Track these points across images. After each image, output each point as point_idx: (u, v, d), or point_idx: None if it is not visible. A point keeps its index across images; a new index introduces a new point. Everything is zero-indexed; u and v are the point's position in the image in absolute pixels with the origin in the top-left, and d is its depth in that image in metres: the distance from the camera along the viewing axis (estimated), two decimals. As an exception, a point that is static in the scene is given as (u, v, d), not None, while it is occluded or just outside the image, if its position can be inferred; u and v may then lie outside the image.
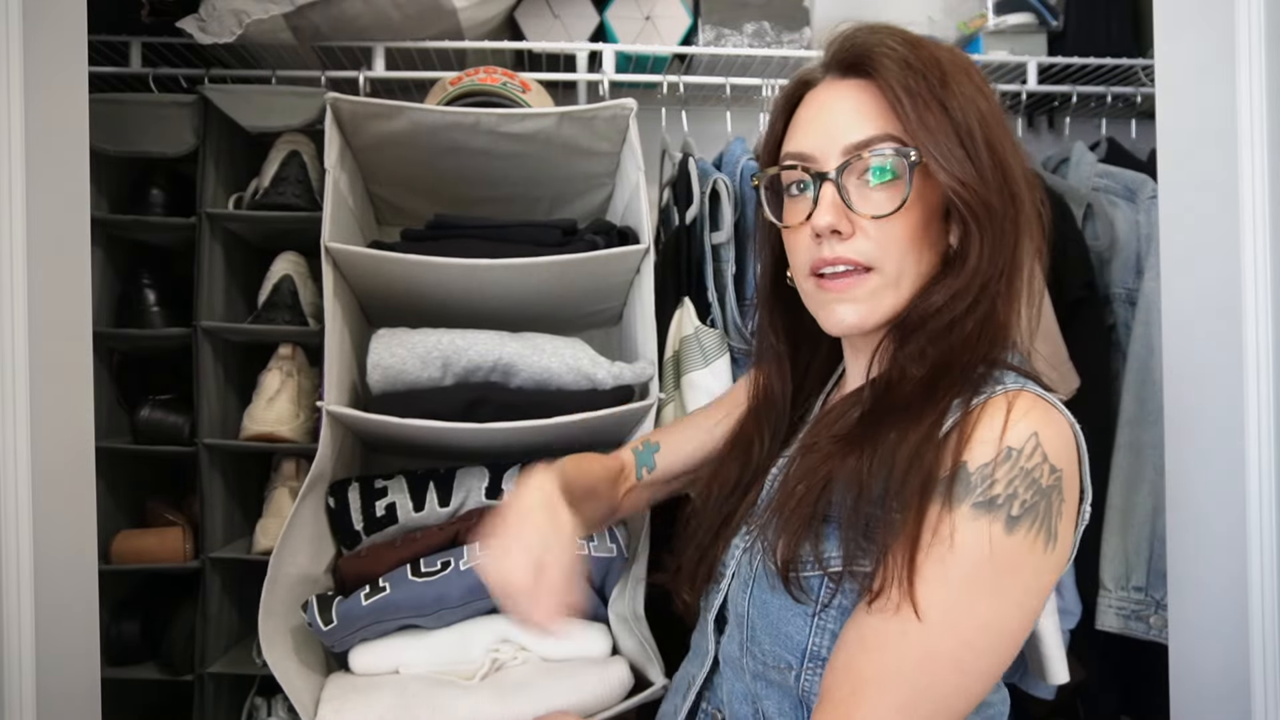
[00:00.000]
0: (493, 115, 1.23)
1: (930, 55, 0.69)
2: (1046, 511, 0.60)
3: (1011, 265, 0.69)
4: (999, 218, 0.68)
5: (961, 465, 0.61)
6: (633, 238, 1.26)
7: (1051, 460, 0.61)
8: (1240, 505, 0.97)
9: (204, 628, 1.34)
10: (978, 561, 0.59)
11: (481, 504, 1.18)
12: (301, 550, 1.12)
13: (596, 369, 1.16)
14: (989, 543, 0.59)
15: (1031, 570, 0.61)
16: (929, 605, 0.59)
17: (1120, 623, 1.32)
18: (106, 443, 1.36)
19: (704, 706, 0.79)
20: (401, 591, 1.04)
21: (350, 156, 1.31)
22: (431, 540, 1.12)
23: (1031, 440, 0.61)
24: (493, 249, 1.18)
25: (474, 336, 1.16)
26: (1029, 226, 0.70)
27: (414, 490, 1.17)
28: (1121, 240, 1.42)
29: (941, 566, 0.59)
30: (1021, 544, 0.60)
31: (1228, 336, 0.99)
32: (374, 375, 1.13)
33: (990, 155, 0.67)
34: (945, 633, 0.59)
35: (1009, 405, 0.62)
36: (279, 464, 1.44)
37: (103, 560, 1.35)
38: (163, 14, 1.43)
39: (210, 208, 1.38)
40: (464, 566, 1.06)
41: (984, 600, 0.59)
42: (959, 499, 0.60)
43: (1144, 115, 1.67)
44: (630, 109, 1.25)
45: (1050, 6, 1.58)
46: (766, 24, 1.56)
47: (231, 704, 1.40)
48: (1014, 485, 0.60)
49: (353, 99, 1.21)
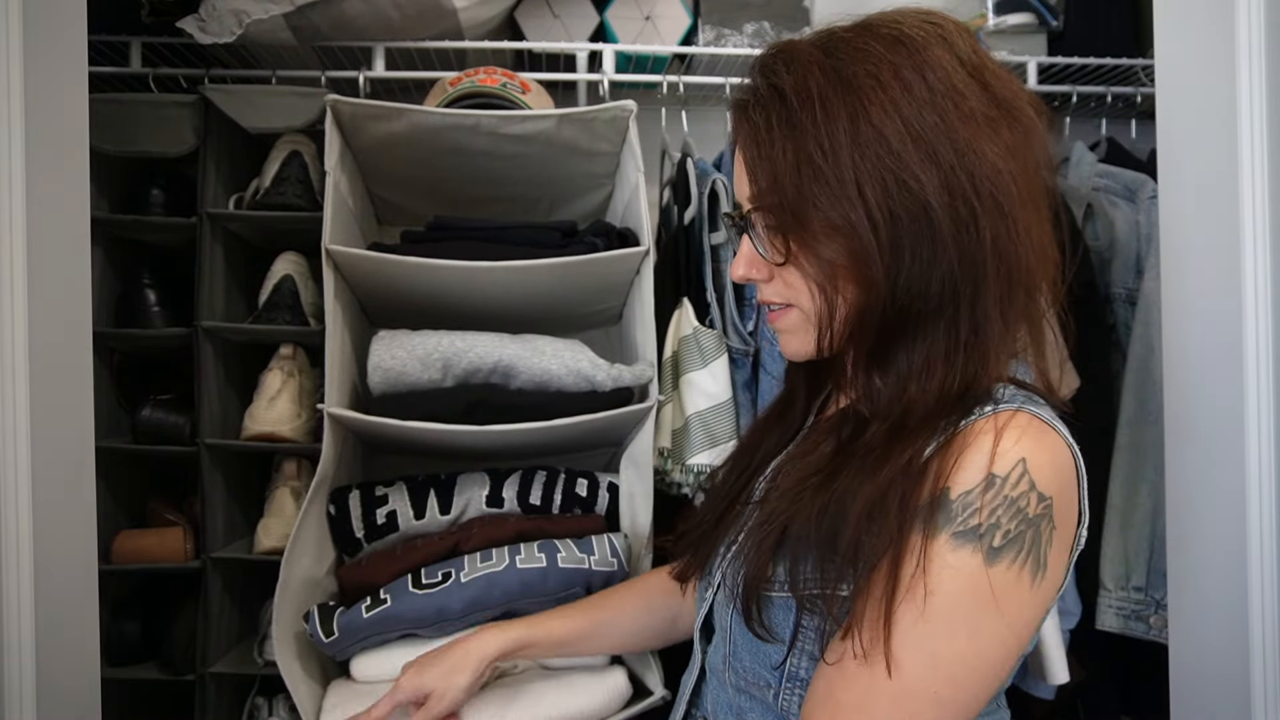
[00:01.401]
0: (492, 117, 1.23)
1: (816, 71, 0.63)
2: (1035, 542, 0.58)
3: (966, 283, 0.61)
4: (900, 235, 0.60)
5: (944, 492, 0.58)
6: (633, 239, 1.26)
7: (1040, 488, 0.58)
8: (1240, 505, 0.97)
9: (205, 627, 1.34)
10: (956, 594, 0.56)
11: (482, 512, 1.18)
12: (307, 553, 1.13)
13: (596, 371, 1.16)
14: (969, 575, 0.56)
15: (1015, 603, 0.58)
16: (902, 641, 0.56)
17: (1120, 623, 1.32)
18: (107, 443, 1.36)
19: (694, 714, 0.79)
20: (403, 604, 1.05)
21: (350, 157, 1.31)
22: (432, 550, 1.13)
23: (1019, 468, 0.57)
24: (492, 250, 1.18)
25: (474, 339, 1.16)
26: (993, 234, 0.61)
27: (414, 498, 1.18)
28: (1121, 240, 1.42)
29: (915, 598, 0.56)
30: (1004, 576, 0.57)
31: (1228, 336, 0.99)
32: (374, 377, 1.14)
33: (888, 164, 0.60)
34: (922, 669, 0.57)
35: (998, 429, 0.59)
36: (280, 464, 1.44)
37: (103, 560, 1.35)
38: (163, 14, 1.43)
39: (211, 208, 1.38)
40: (465, 579, 1.06)
41: (962, 635, 0.57)
42: (939, 528, 0.57)
43: (1144, 115, 1.66)
44: (630, 110, 1.25)
45: (1050, 6, 1.58)
46: (766, 24, 1.56)
47: (233, 704, 1.40)
48: (997, 515, 0.57)
49: (353, 101, 1.21)
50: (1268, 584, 0.95)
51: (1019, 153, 0.62)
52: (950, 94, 0.61)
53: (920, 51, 0.62)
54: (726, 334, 1.32)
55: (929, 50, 0.62)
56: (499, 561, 1.08)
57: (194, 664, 1.35)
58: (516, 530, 1.14)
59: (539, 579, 1.07)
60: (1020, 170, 0.62)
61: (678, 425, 1.28)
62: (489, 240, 1.23)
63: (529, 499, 1.19)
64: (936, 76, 0.61)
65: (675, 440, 1.28)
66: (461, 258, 1.16)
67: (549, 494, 1.20)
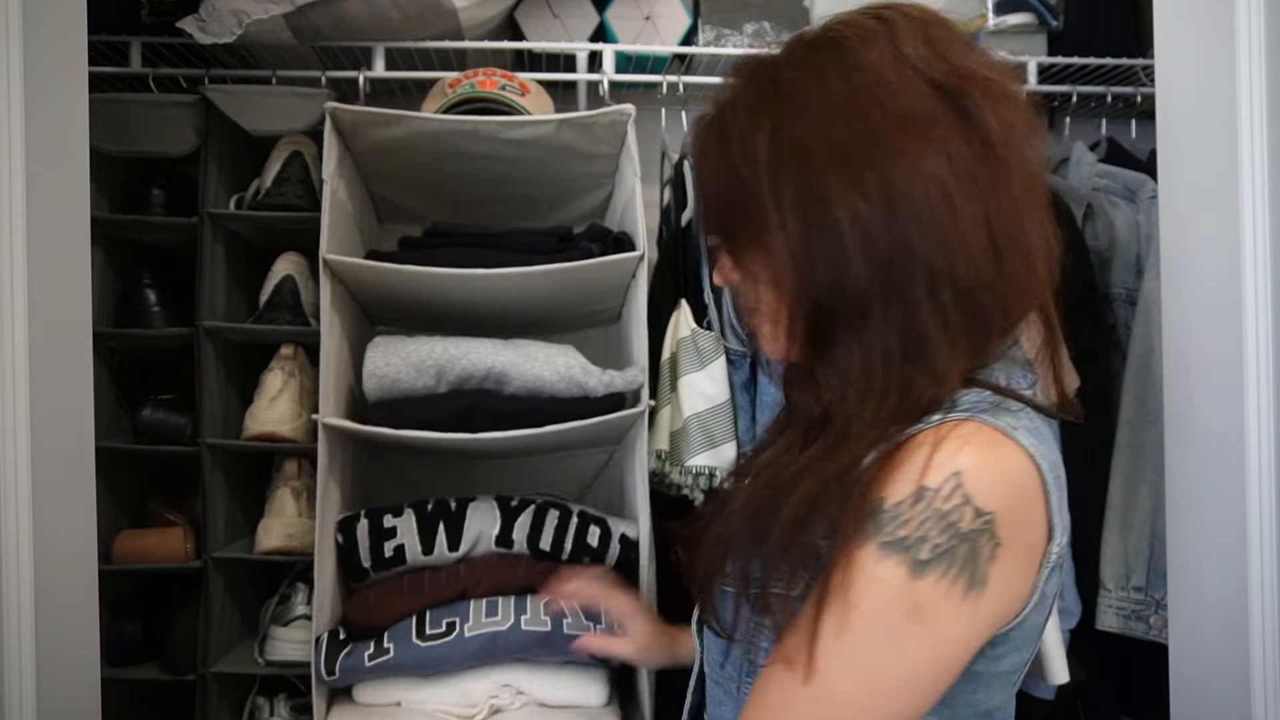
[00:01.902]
0: (491, 123, 1.24)
1: (755, 81, 0.64)
2: (970, 557, 0.55)
3: (886, 292, 0.59)
4: (812, 245, 0.60)
5: (878, 502, 0.56)
6: (629, 243, 1.27)
7: (977, 503, 0.55)
8: (1240, 505, 0.97)
9: (207, 627, 1.34)
10: (879, 604, 0.56)
11: (491, 550, 1.20)
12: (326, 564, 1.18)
13: (588, 377, 1.17)
14: (894, 586, 0.55)
15: (945, 619, 0.56)
16: (825, 649, 0.56)
17: (1120, 623, 1.32)
18: (107, 443, 1.36)
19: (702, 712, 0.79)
20: (405, 653, 1.09)
21: (350, 160, 1.32)
22: (439, 594, 1.14)
23: (951, 481, 0.55)
24: (489, 257, 1.20)
25: (467, 345, 1.17)
26: (910, 242, 0.58)
27: (423, 532, 1.19)
28: (1121, 240, 1.42)
29: (840, 606, 0.56)
30: (932, 590, 0.55)
31: (1228, 336, 0.99)
32: (369, 384, 1.16)
33: (800, 172, 0.59)
34: (842, 678, 0.56)
35: (938, 439, 0.56)
36: (281, 464, 1.44)
37: (104, 560, 1.35)
38: (163, 14, 1.43)
39: (212, 208, 1.38)
40: (469, 634, 1.09)
41: (884, 646, 0.56)
42: (868, 536, 0.56)
43: (1144, 115, 1.66)
44: (629, 115, 1.25)
45: (1050, 6, 1.58)
46: (766, 24, 1.56)
47: (234, 704, 1.40)
48: (925, 527, 0.55)
49: (352, 108, 1.23)
50: (1268, 584, 0.95)
51: (971, 149, 0.59)
52: (876, 97, 0.59)
53: (852, 52, 0.61)
54: (724, 335, 1.33)
55: (862, 50, 0.61)
56: (504, 619, 1.10)
57: (195, 664, 1.35)
58: (524, 583, 1.15)
59: (542, 642, 1.10)
60: (965, 170, 0.58)
61: (676, 427, 1.28)
62: (486, 246, 1.24)
63: (539, 544, 1.20)
64: (865, 77, 0.60)
65: (674, 442, 1.29)
66: (459, 264, 1.18)
67: (560, 539, 1.20)
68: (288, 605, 1.36)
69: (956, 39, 0.62)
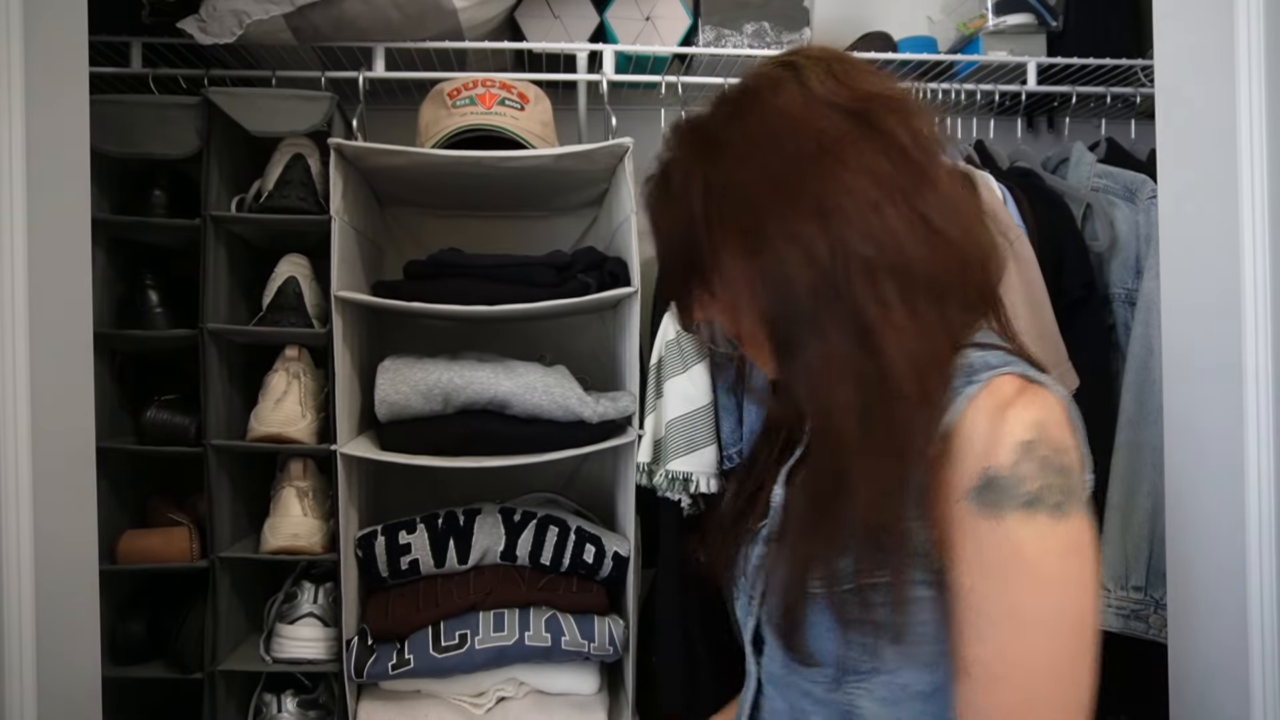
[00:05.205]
0: (493, 157, 1.30)
1: (689, 136, 0.73)
2: (1081, 487, 0.62)
3: (829, 302, 0.64)
4: (753, 273, 0.66)
5: (986, 472, 0.60)
6: (624, 276, 1.32)
7: (1063, 443, 0.62)
8: (1239, 505, 0.97)
9: (214, 626, 1.35)
10: (1053, 557, 0.60)
11: (497, 563, 1.33)
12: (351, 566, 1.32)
13: (583, 408, 1.27)
14: (1054, 536, 0.60)
15: (1092, 543, 0.62)
16: (1017, 630, 0.60)
17: (1120, 623, 1.32)
18: (109, 443, 1.36)
19: None
20: (424, 663, 1.25)
21: (356, 173, 1.37)
22: (450, 608, 1.29)
23: (1036, 430, 0.61)
24: (490, 289, 1.29)
25: (471, 374, 1.27)
26: (841, 253, 0.63)
27: (435, 547, 1.33)
28: (1121, 240, 1.42)
29: (1016, 583, 0.60)
30: (1079, 524, 0.61)
31: (1228, 336, 0.99)
32: (381, 409, 1.29)
33: (730, 212, 0.67)
34: (1054, 633, 0.60)
35: (995, 401, 0.62)
36: (285, 464, 1.44)
37: (108, 561, 1.36)
38: (163, 14, 1.43)
39: (214, 210, 1.38)
40: (479, 645, 1.26)
41: (1075, 591, 0.61)
42: (1001, 508, 0.60)
43: (1144, 115, 1.66)
44: (626, 148, 1.30)
45: (1050, 7, 1.58)
46: (766, 24, 1.56)
47: (240, 701, 1.41)
48: (1044, 477, 0.60)
49: (356, 145, 1.30)
50: (1267, 584, 0.95)
51: (889, 158, 0.64)
52: (792, 130, 0.66)
53: (766, 98, 0.69)
54: (712, 338, 1.33)
55: (774, 95, 0.68)
56: (510, 634, 1.26)
57: (203, 662, 1.35)
58: (526, 599, 1.31)
59: (543, 655, 1.27)
60: (887, 178, 0.64)
61: (660, 436, 1.28)
62: (487, 278, 1.32)
63: (540, 558, 1.33)
64: (779, 117, 0.67)
65: (656, 449, 1.29)
66: (461, 294, 1.29)
67: (559, 554, 1.33)
68: (294, 603, 1.36)
69: (859, 69, 0.69)
